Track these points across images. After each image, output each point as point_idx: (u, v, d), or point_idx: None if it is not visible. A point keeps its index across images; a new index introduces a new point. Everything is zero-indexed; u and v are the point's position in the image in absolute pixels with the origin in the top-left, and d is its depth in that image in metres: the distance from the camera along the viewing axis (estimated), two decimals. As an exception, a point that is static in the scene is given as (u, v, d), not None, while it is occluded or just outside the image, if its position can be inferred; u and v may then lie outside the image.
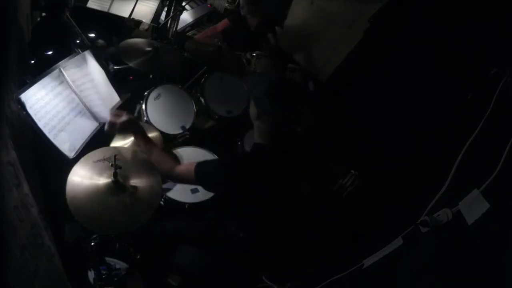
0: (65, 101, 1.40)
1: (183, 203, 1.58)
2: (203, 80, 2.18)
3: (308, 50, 3.19)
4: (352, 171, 1.77)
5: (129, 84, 2.14)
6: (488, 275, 0.67)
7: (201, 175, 1.24)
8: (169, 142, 1.87)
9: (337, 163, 1.92)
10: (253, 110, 1.27)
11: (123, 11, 2.42)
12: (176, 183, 1.64)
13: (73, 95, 1.45)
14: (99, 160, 1.26)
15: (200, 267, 1.48)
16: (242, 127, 2.12)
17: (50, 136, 1.26)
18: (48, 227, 1.12)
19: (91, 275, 1.33)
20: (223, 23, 2.92)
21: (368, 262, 1.17)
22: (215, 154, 1.88)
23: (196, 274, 1.51)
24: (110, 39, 2.51)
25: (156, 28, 2.57)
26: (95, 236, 1.29)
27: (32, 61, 1.73)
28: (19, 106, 1.15)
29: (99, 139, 1.52)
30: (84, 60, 1.59)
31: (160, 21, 2.56)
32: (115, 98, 1.73)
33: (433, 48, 1.94)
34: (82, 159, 1.25)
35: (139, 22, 2.78)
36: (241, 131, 2.08)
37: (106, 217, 1.13)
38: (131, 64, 1.83)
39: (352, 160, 1.90)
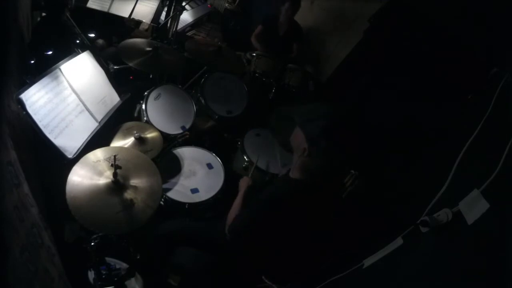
0: (65, 101, 1.40)
1: (183, 203, 1.58)
2: (203, 80, 2.18)
3: (308, 49, 3.20)
4: (352, 171, 1.77)
5: (129, 84, 2.14)
6: (488, 275, 0.67)
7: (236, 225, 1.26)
8: (169, 142, 1.87)
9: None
10: (300, 144, 1.15)
11: (123, 11, 2.41)
12: (176, 184, 1.65)
13: (73, 95, 1.45)
14: (99, 160, 1.26)
15: (200, 267, 1.48)
16: (242, 127, 2.13)
17: (51, 136, 1.26)
18: (48, 227, 1.12)
19: (91, 275, 1.33)
20: (259, 28, 3.03)
21: (368, 262, 1.17)
22: (215, 154, 1.88)
23: (196, 274, 1.51)
24: (110, 39, 2.51)
25: (156, 28, 2.57)
26: (95, 236, 1.29)
27: (32, 61, 1.72)
28: (19, 106, 1.16)
29: (99, 139, 1.52)
30: (84, 60, 1.59)
31: (160, 21, 2.55)
32: (115, 98, 1.73)
33: (433, 48, 1.94)
34: (82, 159, 1.25)
35: (139, 22, 2.78)
36: (241, 131, 2.08)
37: (106, 217, 1.13)
38: (131, 64, 1.83)
39: (352, 160, 1.90)
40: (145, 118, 1.81)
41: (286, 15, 2.87)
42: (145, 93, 1.88)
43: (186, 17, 3.10)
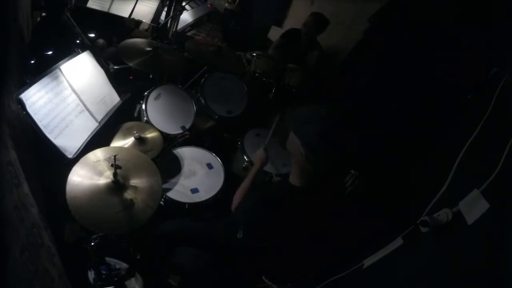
0: (65, 101, 1.40)
1: (183, 203, 1.58)
2: (203, 80, 2.18)
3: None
4: (352, 171, 1.77)
5: (129, 84, 2.14)
6: (488, 275, 0.67)
7: (237, 211, 1.28)
8: (169, 142, 1.87)
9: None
10: (297, 149, 1.11)
11: (123, 11, 2.41)
12: (176, 184, 1.66)
13: (73, 95, 1.45)
14: (99, 160, 1.26)
15: (200, 267, 1.48)
16: (242, 127, 2.13)
17: (51, 136, 1.26)
18: (48, 227, 1.12)
19: (91, 275, 1.33)
20: (278, 40, 3.03)
21: (368, 262, 1.17)
22: (215, 154, 1.88)
23: (196, 274, 1.50)
24: (110, 39, 2.51)
25: (156, 28, 2.57)
26: (95, 236, 1.29)
27: (32, 61, 1.72)
28: (19, 106, 1.16)
29: (99, 139, 1.52)
30: (84, 60, 1.59)
31: (160, 21, 2.55)
32: (115, 98, 1.73)
33: (433, 48, 1.94)
34: (82, 159, 1.25)
35: (139, 22, 2.78)
36: (241, 131, 2.08)
37: (106, 217, 1.13)
38: (131, 64, 1.84)
39: (352, 160, 1.90)
40: (145, 118, 1.81)
41: (307, 33, 2.86)
42: (145, 93, 1.88)
43: (186, 17, 3.10)
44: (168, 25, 2.55)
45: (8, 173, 0.90)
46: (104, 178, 1.21)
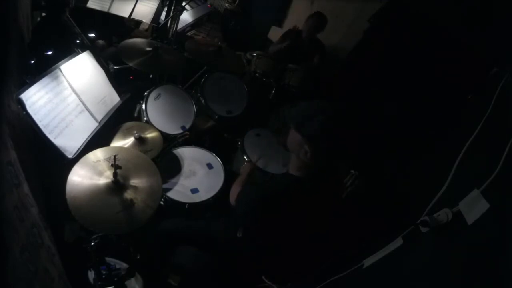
0: (65, 101, 1.40)
1: (183, 203, 1.58)
2: (203, 80, 2.18)
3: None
4: (352, 171, 1.77)
5: (129, 84, 2.14)
6: (488, 275, 0.67)
7: (238, 202, 1.28)
8: (169, 142, 1.87)
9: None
10: (298, 146, 1.14)
11: (123, 11, 2.41)
12: (176, 184, 1.66)
13: (73, 95, 1.45)
14: (99, 160, 1.26)
15: (200, 267, 1.48)
16: (242, 127, 2.13)
17: (51, 136, 1.26)
18: (48, 227, 1.13)
19: (91, 275, 1.33)
20: (280, 38, 3.00)
21: (368, 262, 1.17)
22: (215, 154, 1.88)
23: (196, 274, 1.50)
24: (110, 39, 2.51)
25: (156, 28, 2.57)
26: (95, 236, 1.29)
27: (32, 61, 1.72)
28: (19, 106, 1.15)
29: (99, 139, 1.52)
30: (84, 60, 1.59)
31: (160, 21, 2.55)
32: (115, 98, 1.73)
33: (433, 48, 1.94)
34: (82, 159, 1.25)
35: (139, 22, 2.78)
36: (241, 131, 2.08)
37: (106, 217, 1.13)
38: (131, 64, 1.83)
39: (352, 160, 1.90)
40: (145, 118, 1.80)
41: (309, 33, 2.86)
42: (145, 93, 1.88)
43: (186, 17, 3.10)
44: (168, 25, 2.55)
45: (8, 173, 0.90)
46: (104, 178, 1.21)
